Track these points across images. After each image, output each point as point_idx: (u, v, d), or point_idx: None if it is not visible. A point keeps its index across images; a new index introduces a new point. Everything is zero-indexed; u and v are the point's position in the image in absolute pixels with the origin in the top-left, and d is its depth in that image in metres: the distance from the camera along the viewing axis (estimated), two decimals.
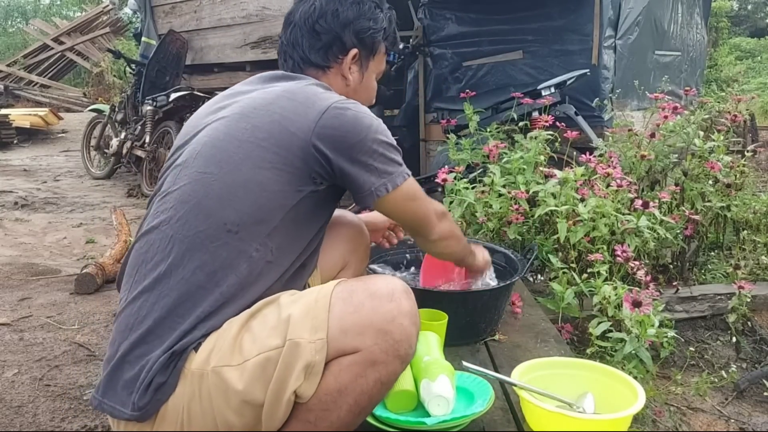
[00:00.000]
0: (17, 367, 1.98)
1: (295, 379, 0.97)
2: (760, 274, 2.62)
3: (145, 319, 1.03)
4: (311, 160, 1.08)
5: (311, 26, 1.23)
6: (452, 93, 4.32)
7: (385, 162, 1.13)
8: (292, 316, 0.99)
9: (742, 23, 17.11)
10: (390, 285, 1.03)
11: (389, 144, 1.14)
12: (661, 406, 1.87)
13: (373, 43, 1.27)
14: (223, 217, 1.05)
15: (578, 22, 3.81)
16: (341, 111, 1.10)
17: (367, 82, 1.31)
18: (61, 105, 10.15)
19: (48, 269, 3.15)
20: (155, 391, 0.99)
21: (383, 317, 0.98)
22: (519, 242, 2.31)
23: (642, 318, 1.69)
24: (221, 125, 1.13)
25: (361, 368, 0.98)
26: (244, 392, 0.98)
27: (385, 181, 1.12)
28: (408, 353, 1.01)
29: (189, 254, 1.04)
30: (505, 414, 1.29)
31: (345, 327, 0.98)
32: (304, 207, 1.11)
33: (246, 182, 1.07)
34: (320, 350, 0.97)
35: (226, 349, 1.00)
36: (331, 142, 1.08)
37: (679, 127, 2.72)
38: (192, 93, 5.09)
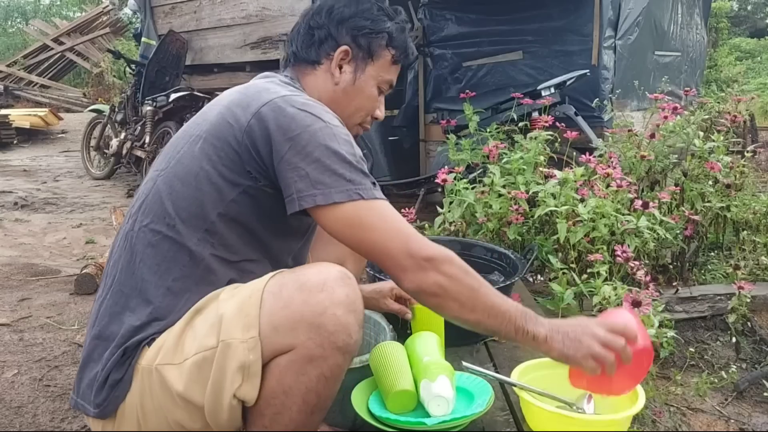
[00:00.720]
0: (17, 367, 1.98)
1: (231, 381, 0.94)
2: (760, 274, 2.62)
3: (102, 315, 1.06)
4: (244, 153, 1.03)
5: (307, 22, 1.22)
6: (452, 93, 4.32)
7: (322, 171, 0.98)
8: (224, 315, 0.97)
9: (742, 24, 17.11)
10: (322, 274, 0.97)
11: (336, 153, 0.99)
12: (661, 407, 1.87)
13: (370, 44, 1.19)
14: (163, 211, 1.05)
15: (578, 22, 3.81)
16: (283, 105, 1.03)
17: (362, 86, 1.21)
18: (61, 105, 10.15)
19: (48, 269, 3.15)
20: (111, 388, 1.00)
21: (313, 310, 0.93)
22: (519, 242, 2.31)
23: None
24: (186, 125, 1.16)
25: (299, 366, 0.95)
26: (183, 392, 0.97)
27: (315, 193, 0.98)
28: (348, 343, 0.95)
29: (136, 249, 1.05)
30: (505, 414, 1.29)
31: (276, 324, 0.94)
32: (247, 202, 1.05)
33: (185, 175, 1.06)
34: (253, 349, 0.94)
35: (170, 346, 0.99)
36: (264, 134, 1.02)
37: (678, 128, 2.72)
38: (192, 93, 5.08)
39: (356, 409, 1.18)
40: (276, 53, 5.16)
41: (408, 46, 1.24)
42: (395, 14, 1.24)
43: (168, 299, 1.02)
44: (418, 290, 1.01)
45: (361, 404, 1.20)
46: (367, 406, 1.20)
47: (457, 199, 2.42)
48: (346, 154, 1.01)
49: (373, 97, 1.23)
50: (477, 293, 1.01)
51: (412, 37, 1.28)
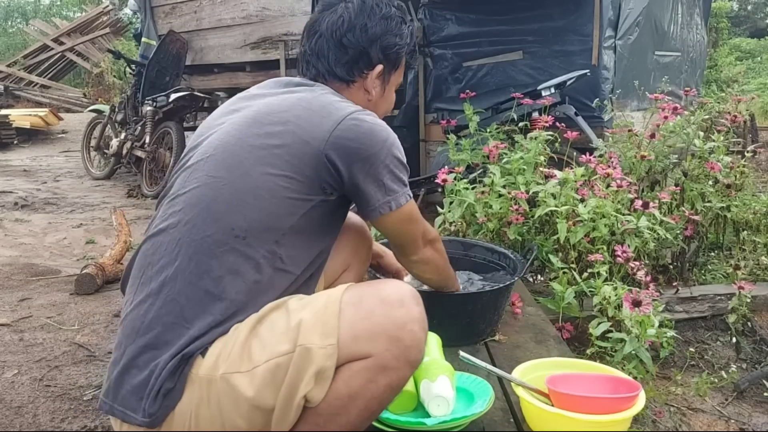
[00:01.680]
0: (17, 367, 1.98)
1: (306, 384, 0.97)
2: (760, 274, 2.62)
3: (152, 323, 1.03)
4: (323, 170, 1.07)
5: (338, 39, 1.21)
6: (452, 93, 4.32)
7: (393, 180, 1.13)
8: (302, 322, 0.99)
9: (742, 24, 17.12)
10: (400, 291, 1.03)
11: (400, 162, 1.14)
12: (661, 407, 1.87)
13: (398, 58, 1.27)
14: (231, 222, 1.04)
15: (578, 22, 3.81)
16: (357, 122, 1.09)
17: (388, 96, 1.31)
18: (61, 105, 10.15)
19: (48, 270, 3.15)
20: (164, 397, 0.99)
21: (394, 323, 0.99)
22: (519, 242, 2.31)
23: (642, 318, 1.69)
24: (233, 129, 1.12)
25: (372, 374, 0.99)
26: (254, 398, 0.98)
27: (389, 200, 1.13)
28: (417, 359, 1.02)
29: (196, 258, 1.04)
30: (505, 414, 1.29)
31: (356, 333, 0.98)
32: (314, 216, 1.10)
33: (256, 188, 1.06)
34: (331, 356, 0.97)
35: (235, 356, 0.99)
36: (344, 153, 1.08)
37: (679, 128, 2.72)
38: (192, 93, 5.09)
39: None
40: (276, 53, 5.16)
41: (416, 47, 1.35)
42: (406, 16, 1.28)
43: (230, 312, 1.03)
44: (420, 261, 1.30)
45: None
46: None
47: (458, 199, 2.42)
48: (404, 161, 1.16)
49: (393, 99, 1.34)
50: (447, 263, 1.42)
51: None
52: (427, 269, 1.36)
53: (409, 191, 1.17)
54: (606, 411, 1.10)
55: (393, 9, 1.25)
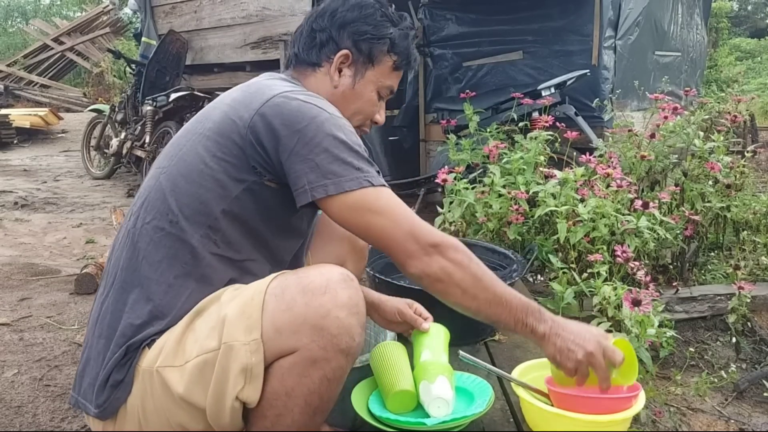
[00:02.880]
0: (17, 367, 1.98)
1: (234, 383, 0.94)
2: (760, 274, 2.62)
3: (104, 313, 1.05)
4: (249, 148, 1.04)
5: (310, 24, 1.22)
6: (452, 93, 4.32)
7: (331, 161, 1.00)
8: (227, 316, 0.96)
9: (742, 24, 17.12)
10: (324, 276, 0.97)
11: (344, 143, 1.02)
12: (661, 407, 1.87)
13: (371, 49, 1.19)
14: (166, 208, 1.05)
15: (578, 22, 3.81)
16: (285, 100, 1.05)
17: (361, 91, 1.20)
18: (61, 105, 10.15)
19: (48, 269, 3.15)
20: (113, 388, 1.00)
21: (316, 312, 0.93)
22: (519, 242, 2.31)
23: (642, 318, 1.69)
24: (188, 123, 1.17)
25: (302, 368, 0.95)
26: (185, 394, 0.96)
27: (326, 183, 1.00)
28: (351, 345, 0.96)
29: (137, 246, 1.05)
30: (505, 414, 1.29)
31: (278, 326, 0.94)
32: (250, 198, 1.06)
33: (188, 172, 1.06)
34: (255, 351, 0.93)
35: (171, 349, 0.99)
36: (268, 130, 1.02)
37: (679, 128, 2.72)
38: (192, 93, 5.08)
39: (356, 409, 1.18)
40: (276, 53, 5.16)
41: (410, 53, 1.23)
42: (399, 20, 1.23)
43: (168, 297, 1.02)
44: (423, 275, 1.03)
45: (361, 404, 1.20)
46: (367, 406, 1.20)
47: (457, 199, 2.42)
48: (352, 144, 1.03)
49: (373, 101, 1.23)
50: (480, 281, 1.04)
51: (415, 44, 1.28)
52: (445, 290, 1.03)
53: (370, 178, 1.01)
54: (606, 411, 1.10)
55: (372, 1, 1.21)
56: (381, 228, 1.02)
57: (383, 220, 1.02)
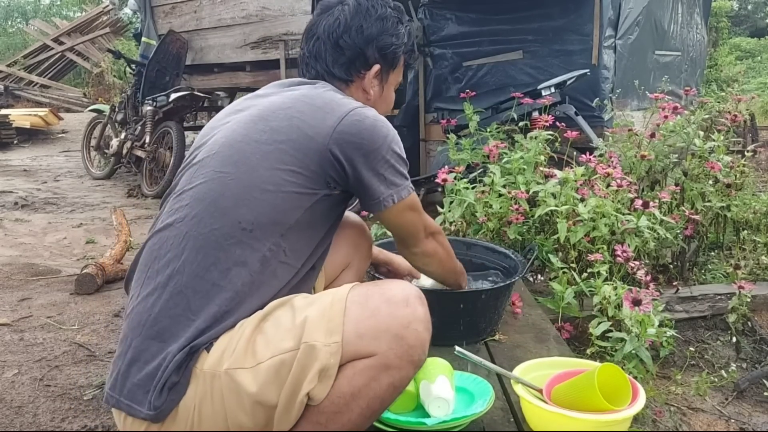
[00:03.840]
0: (17, 367, 1.98)
1: (309, 381, 0.97)
2: (760, 274, 2.62)
3: (159, 315, 1.03)
4: (327, 165, 1.10)
5: (335, 41, 1.24)
6: (452, 93, 4.32)
7: (394, 174, 1.15)
8: (307, 319, 1.00)
9: (742, 23, 17.12)
10: (405, 291, 1.04)
11: (400, 156, 1.16)
12: (661, 406, 1.87)
13: (395, 58, 1.28)
14: (238, 216, 1.06)
15: (578, 22, 3.81)
16: (360, 118, 1.12)
17: (387, 96, 1.33)
18: (61, 105, 10.15)
19: (48, 269, 3.15)
20: (170, 390, 0.99)
21: (399, 322, 1.00)
22: (519, 242, 2.31)
23: (642, 317, 1.69)
24: (239, 126, 1.15)
25: (375, 372, 0.99)
26: (257, 394, 0.98)
27: (392, 193, 1.15)
28: (421, 359, 1.03)
29: (203, 251, 1.05)
30: (505, 414, 1.29)
31: (361, 331, 0.99)
32: (318, 210, 1.12)
33: (262, 183, 1.08)
34: (335, 353, 0.97)
35: (240, 351, 1.00)
36: (348, 148, 1.10)
37: (679, 127, 2.71)
38: (192, 93, 5.09)
39: None
40: (276, 53, 5.16)
41: (414, 47, 1.34)
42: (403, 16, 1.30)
43: (235, 302, 1.04)
44: (422, 253, 1.31)
45: None
46: None
47: (458, 198, 2.42)
48: (404, 157, 1.18)
49: (392, 98, 1.35)
50: (451, 256, 1.42)
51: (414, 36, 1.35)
52: (429, 262, 1.35)
53: (410, 184, 1.19)
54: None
55: (389, 10, 1.27)
56: (413, 223, 1.24)
57: (415, 216, 1.23)
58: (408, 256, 1.35)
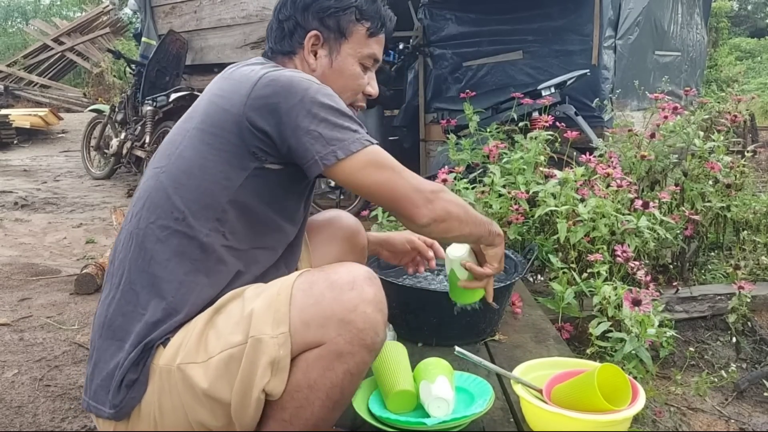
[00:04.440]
0: (17, 367, 1.98)
1: (261, 376, 0.95)
2: (760, 274, 2.62)
3: (113, 315, 1.05)
4: (247, 135, 1.03)
5: (277, 16, 1.21)
6: (452, 93, 4.32)
7: (332, 128, 1.02)
8: (254, 311, 0.98)
9: (742, 23, 17.12)
10: (351, 273, 0.99)
11: (335, 108, 1.04)
12: (661, 407, 1.87)
13: (339, 23, 1.17)
14: (170, 206, 1.06)
15: (578, 22, 3.81)
16: (274, 77, 1.04)
17: (340, 68, 1.19)
18: (61, 105, 10.15)
19: (48, 269, 3.15)
20: (128, 388, 1.00)
21: (344, 307, 0.96)
22: (519, 242, 2.31)
23: (642, 318, 1.69)
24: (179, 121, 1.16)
25: (327, 361, 0.97)
26: (209, 390, 0.97)
27: (334, 149, 1.01)
28: (375, 341, 0.98)
29: (143, 246, 1.05)
30: (505, 414, 1.29)
31: (306, 319, 0.96)
32: (254, 186, 1.06)
33: (189, 168, 1.06)
34: (283, 344, 0.95)
35: (192, 345, 0.99)
36: (265, 111, 1.02)
37: (679, 128, 2.71)
38: (192, 93, 5.08)
39: (356, 409, 1.18)
40: None
41: (382, 14, 1.21)
42: None
43: (180, 293, 1.03)
44: (431, 221, 1.08)
45: (361, 404, 1.20)
46: (367, 406, 1.20)
47: None
48: (344, 109, 1.06)
49: (357, 74, 1.21)
50: (468, 210, 1.16)
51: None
52: (447, 227, 1.12)
53: (366, 137, 1.05)
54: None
55: None
56: (388, 181, 1.05)
57: (390, 174, 1.06)
58: (421, 232, 1.16)
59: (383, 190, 1.06)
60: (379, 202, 1.12)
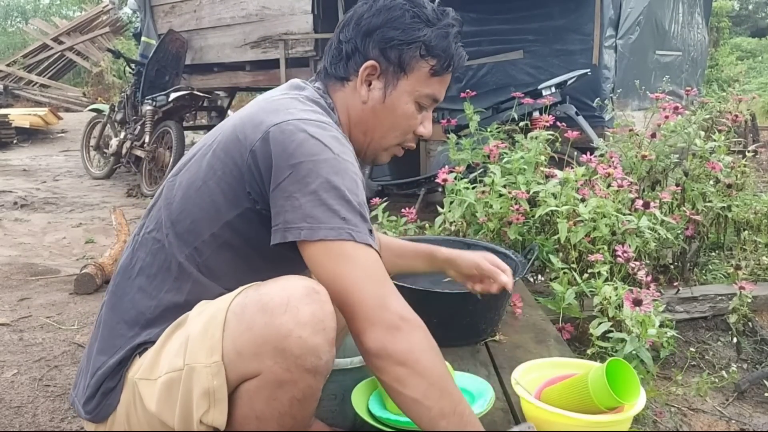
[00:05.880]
0: (17, 367, 1.97)
1: (198, 405, 0.90)
2: (761, 274, 2.62)
3: (105, 322, 1.05)
4: (246, 172, 0.96)
5: (337, 35, 1.11)
6: (452, 93, 4.30)
7: (316, 205, 0.89)
8: (190, 335, 0.92)
9: (743, 23, 17.12)
10: (285, 291, 0.88)
11: (336, 189, 0.91)
12: (662, 407, 1.86)
13: (401, 56, 1.06)
14: (163, 219, 1.02)
15: (579, 21, 3.81)
16: (293, 129, 0.94)
17: (393, 104, 1.08)
18: (60, 105, 10.16)
19: (47, 269, 3.14)
20: (104, 395, 0.99)
21: (276, 333, 0.86)
22: (519, 242, 2.30)
23: (643, 318, 1.68)
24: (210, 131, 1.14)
25: (269, 391, 0.89)
26: (156, 413, 0.94)
27: (303, 226, 0.89)
28: (317, 365, 0.88)
29: (136, 255, 1.04)
30: (506, 415, 1.29)
31: (239, 348, 0.88)
32: (243, 230, 0.98)
33: (189, 184, 1.01)
34: (217, 374, 0.89)
35: (150, 361, 0.97)
36: (266, 157, 0.93)
37: (680, 127, 2.71)
38: (192, 93, 5.08)
39: (356, 409, 1.18)
40: (276, 53, 5.16)
41: (452, 53, 1.08)
42: (437, 18, 1.07)
43: (159, 311, 1.00)
44: (383, 352, 0.88)
45: (361, 404, 1.20)
46: (367, 406, 1.19)
47: (458, 198, 2.42)
48: (347, 192, 0.92)
49: (409, 114, 1.10)
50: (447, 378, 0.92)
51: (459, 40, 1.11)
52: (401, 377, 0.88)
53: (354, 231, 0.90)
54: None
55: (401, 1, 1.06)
56: (350, 280, 0.89)
57: (356, 272, 0.89)
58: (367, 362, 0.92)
59: (339, 287, 0.90)
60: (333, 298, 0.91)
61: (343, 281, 0.90)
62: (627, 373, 1.12)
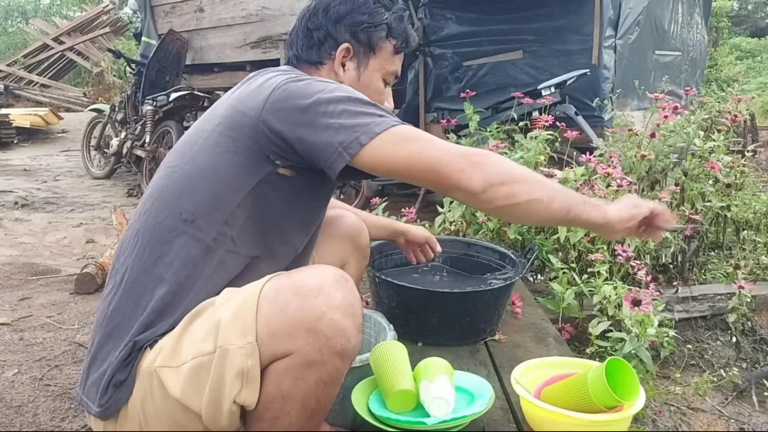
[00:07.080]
0: (17, 366, 1.98)
1: (230, 387, 0.93)
2: (760, 274, 2.62)
3: (113, 313, 1.05)
4: (263, 139, 1.02)
5: (305, 25, 1.21)
6: (452, 93, 4.33)
7: (353, 116, 0.97)
8: (222, 320, 0.95)
9: (743, 23, 17.12)
10: (317, 277, 0.95)
11: (355, 99, 1.00)
12: (661, 406, 1.87)
13: (370, 38, 1.19)
14: (180, 207, 1.05)
15: (578, 21, 3.81)
16: (293, 82, 1.03)
17: (367, 82, 1.21)
18: (61, 105, 10.16)
19: (48, 269, 3.15)
20: (115, 388, 1.00)
21: (310, 315, 0.92)
22: (519, 242, 2.31)
23: (642, 317, 1.69)
24: (196, 122, 1.16)
25: (298, 371, 0.94)
26: (181, 398, 0.96)
27: (357, 135, 0.96)
28: (346, 348, 0.94)
29: (150, 246, 1.05)
30: (505, 414, 1.29)
31: (273, 329, 0.93)
32: (266, 191, 1.05)
33: (201, 170, 1.05)
34: (251, 354, 0.92)
35: (169, 349, 0.98)
36: (281, 113, 1.01)
37: (679, 127, 2.71)
38: (192, 93, 5.08)
39: (356, 409, 1.18)
40: (276, 53, 5.16)
41: (408, 34, 1.23)
42: (391, 3, 1.22)
43: (177, 297, 1.02)
44: (487, 184, 0.95)
45: (362, 404, 1.20)
46: (367, 406, 1.20)
47: None
48: (365, 98, 1.02)
49: (380, 89, 1.23)
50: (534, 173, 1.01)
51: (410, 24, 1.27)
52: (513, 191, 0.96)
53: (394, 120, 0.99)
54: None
55: None
56: (422, 151, 0.96)
57: (423, 144, 0.97)
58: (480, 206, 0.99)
59: (417, 162, 0.96)
60: (419, 179, 0.99)
61: (421, 155, 0.96)
62: (626, 373, 1.13)
